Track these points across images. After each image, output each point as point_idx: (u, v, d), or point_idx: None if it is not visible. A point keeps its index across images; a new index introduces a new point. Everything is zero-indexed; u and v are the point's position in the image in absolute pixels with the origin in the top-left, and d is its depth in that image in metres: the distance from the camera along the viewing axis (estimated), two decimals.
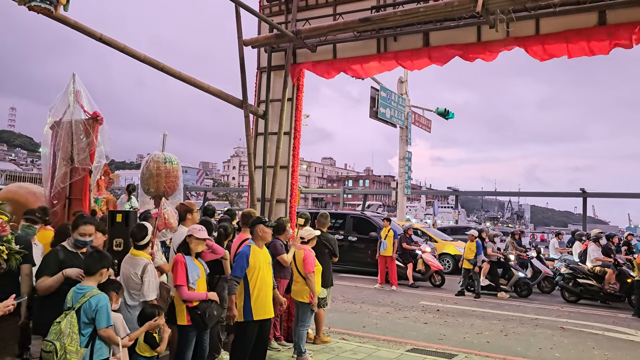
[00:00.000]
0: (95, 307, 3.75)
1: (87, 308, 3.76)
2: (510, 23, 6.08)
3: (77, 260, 4.24)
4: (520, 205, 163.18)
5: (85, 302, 3.78)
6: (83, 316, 3.75)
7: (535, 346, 7.87)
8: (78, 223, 4.34)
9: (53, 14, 4.53)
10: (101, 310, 3.77)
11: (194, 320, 4.72)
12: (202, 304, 4.78)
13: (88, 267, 4.01)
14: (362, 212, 19.71)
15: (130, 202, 10.21)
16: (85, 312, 3.75)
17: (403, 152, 24.71)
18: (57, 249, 4.28)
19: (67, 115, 6.24)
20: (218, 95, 7.03)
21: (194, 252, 4.87)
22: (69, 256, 4.25)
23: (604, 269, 12.05)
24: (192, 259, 4.82)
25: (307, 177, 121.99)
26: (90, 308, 3.75)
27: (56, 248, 4.31)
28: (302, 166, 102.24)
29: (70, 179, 6.12)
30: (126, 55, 5.74)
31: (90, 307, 3.76)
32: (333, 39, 7.36)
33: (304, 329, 6.37)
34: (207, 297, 4.80)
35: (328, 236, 7.43)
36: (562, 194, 33.66)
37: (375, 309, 10.45)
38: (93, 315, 3.75)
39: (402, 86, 24.60)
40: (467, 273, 12.69)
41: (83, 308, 3.76)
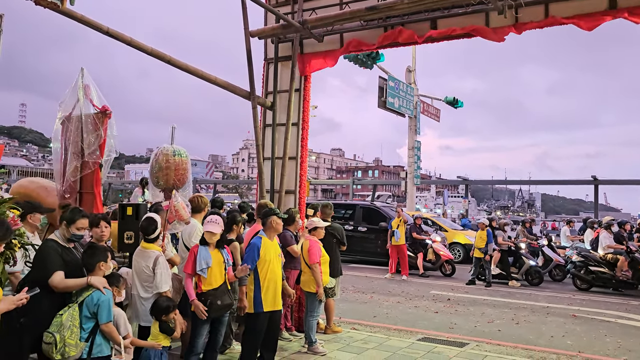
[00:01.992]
0: (97, 302, 3.78)
1: (89, 302, 3.79)
2: (519, 8, 6.01)
3: (71, 255, 4.19)
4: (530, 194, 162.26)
5: (88, 296, 3.80)
6: (85, 310, 3.78)
7: (547, 334, 7.85)
8: (75, 217, 4.22)
9: (60, 8, 4.55)
10: (102, 305, 3.79)
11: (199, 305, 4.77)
12: (210, 291, 4.80)
13: (86, 264, 4.03)
14: (371, 203, 19.68)
15: (144, 196, 10.28)
16: (88, 306, 3.78)
17: (412, 142, 24.61)
18: (53, 243, 4.14)
19: (76, 110, 6.25)
20: (225, 87, 7.02)
21: (211, 243, 4.90)
22: (65, 251, 4.14)
23: (616, 256, 11.96)
24: (206, 248, 4.85)
25: (317, 168, 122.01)
26: (92, 302, 3.78)
27: (51, 242, 4.15)
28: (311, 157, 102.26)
29: (81, 173, 6.15)
30: (133, 48, 5.75)
31: (92, 301, 3.78)
32: (340, 28, 7.32)
33: (314, 319, 6.39)
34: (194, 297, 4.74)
35: (335, 225, 7.43)
36: (573, 182, 33.41)
37: (386, 299, 10.46)
38: (95, 310, 3.78)
39: (410, 75, 24.45)
40: (478, 262, 12.66)
41: (86, 302, 3.79)
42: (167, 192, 7.10)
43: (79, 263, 4.14)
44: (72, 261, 4.11)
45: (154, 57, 6.05)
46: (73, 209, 4.42)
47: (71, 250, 4.22)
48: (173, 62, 6.27)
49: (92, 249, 4.13)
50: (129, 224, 5.75)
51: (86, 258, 4.04)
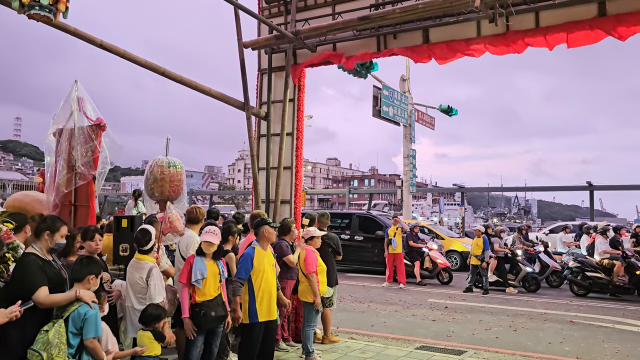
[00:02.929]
0: (84, 316, 3.62)
1: (75, 317, 3.62)
2: (509, 17, 6.06)
3: (52, 269, 3.95)
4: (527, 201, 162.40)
5: (74, 310, 3.64)
6: (71, 325, 3.61)
7: (544, 341, 7.83)
8: (57, 225, 4.03)
9: (53, 22, 4.55)
10: (90, 320, 3.64)
11: (192, 316, 4.76)
12: (205, 302, 4.80)
13: (75, 274, 3.86)
14: (368, 212, 19.68)
15: (137, 208, 10.26)
16: (74, 321, 3.61)
17: (407, 150, 24.66)
18: (33, 256, 3.87)
19: (70, 122, 6.26)
20: (220, 98, 7.04)
21: (207, 254, 4.91)
22: (46, 265, 3.90)
23: (612, 262, 11.98)
24: (202, 259, 4.85)
25: (313, 178, 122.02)
26: (79, 317, 3.62)
27: (31, 255, 3.88)
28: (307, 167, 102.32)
29: (75, 184, 6.14)
30: (127, 60, 5.76)
31: (79, 315, 3.62)
32: (333, 38, 7.37)
33: (311, 329, 6.37)
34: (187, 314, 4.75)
35: (330, 235, 7.43)
36: (569, 188, 33.40)
37: (383, 308, 10.43)
38: (81, 325, 3.61)
39: (405, 84, 24.56)
40: (475, 269, 12.66)
41: (72, 317, 3.62)
42: (162, 204, 7.09)
43: (61, 277, 3.96)
44: (54, 275, 3.90)
45: (148, 69, 6.07)
46: (52, 217, 4.24)
47: (52, 263, 4.01)
48: (167, 74, 6.29)
49: (89, 260, 4.03)
50: (124, 236, 5.74)
51: (79, 267, 3.90)
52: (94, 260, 4.11)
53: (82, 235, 4.72)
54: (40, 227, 4.04)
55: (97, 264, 4.06)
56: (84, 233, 4.74)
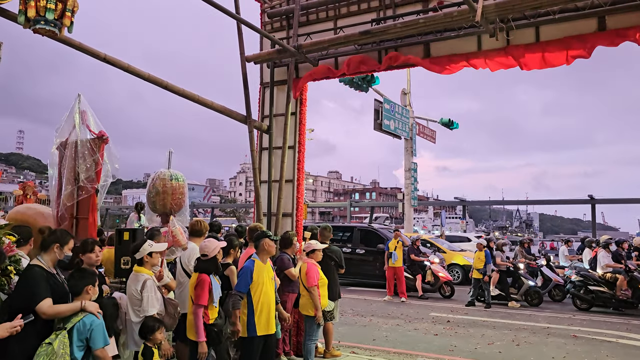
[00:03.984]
0: (90, 327, 3.60)
1: (80, 328, 3.59)
2: (510, 31, 6.11)
3: (56, 281, 3.96)
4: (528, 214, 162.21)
5: (79, 321, 3.61)
6: (76, 337, 3.58)
7: (547, 355, 7.77)
8: (67, 238, 4.08)
9: (57, 36, 4.60)
10: (97, 330, 3.62)
11: (210, 336, 4.73)
12: (218, 321, 4.81)
13: (73, 288, 3.85)
14: (369, 225, 19.66)
15: (140, 221, 10.25)
16: (79, 332, 3.59)
17: (409, 164, 24.71)
18: (38, 268, 3.87)
19: (73, 136, 6.29)
20: (222, 112, 7.08)
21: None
22: (50, 277, 3.91)
23: (615, 275, 11.93)
24: (214, 277, 4.84)
25: (314, 191, 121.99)
26: (85, 327, 3.59)
27: (36, 267, 3.88)
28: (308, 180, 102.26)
29: (77, 197, 6.15)
30: (130, 74, 5.81)
31: (85, 326, 3.60)
32: (334, 52, 7.42)
33: (312, 343, 6.33)
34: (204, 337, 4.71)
35: (333, 248, 7.42)
36: (571, 201, 33.29)
37: (385, 322, 10.37)
38: (87, 335, 3.59)
39: (406, 98, 24.68)
40: (477, 283, 12.60)
41: (76, 328, 3.59)
42: (164, 217, 7.09)
43: (64, 290, 3.95)
44: (57, 288, 3.90)
45: (151, 82, 6.12)
46: (62, 231, 4.27)
47: (56, 276, 4.02)
48: (170, 88, 6.34)
49: (81, 272, 4.01)
50: (126, 249, 5.73)
51: (74, 281, 3.88)
52: (87, 271, 4.07)
53: (82, 248, 4.69)
54: (49, 239, 4.07)
55: (91, 274, 4.03)
56: (83, 246, 4.72)
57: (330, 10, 7.47)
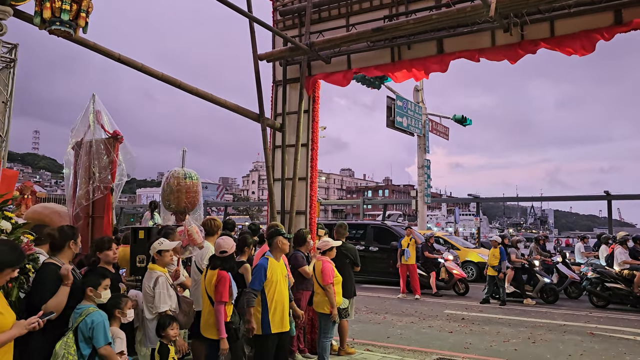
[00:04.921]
0: (91, 325, 3.64)
1: (83, 327, 3.65)
2: (524, 26, 6.05)
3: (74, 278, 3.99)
4: (543, 211, 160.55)
5: (82, 320, 3.67)
6: (80, 336, 3.64)
7: (564, 353, 7.70)
8: (76, 232, 4.22)
9: (72, 37, 4.64)
10: (97, 328, 3.65)
11: (229, 333, 4.75)
12: (234, 318, 4.84)
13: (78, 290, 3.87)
14: (382, 222, 19.60)
15: (153, 219, 10.34)
16: (82, 331, 3.65)
17: (422, 161, 24.58)
18: (53, 266, 3.96)
19: (88, 135, 6.36)
20: (235, 110, 7.10)
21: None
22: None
23: (632, 272, 11.76)
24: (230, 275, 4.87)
25: (327, 188, 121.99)
26: (87, 326, 3.65)
27: (51, 265, 3.97)
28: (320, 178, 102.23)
29: (93, 197, 6.22)
30: (144, 73, 5.85)
31: (87, 325, 3.65)
32: (347, 49, 7.40)
33: (327, 341, 6.33)
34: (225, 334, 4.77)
35: (348, 246, 7.41)
36: (586, 197, 32.81)
37: (399, 319, 10.35)
38: (90, 334, 3.64)
39: (418, 94, 24.55)
40: (492, 280, 12.51)
41: (80, 327, 3.66)
42: (178, 215, 7.15)
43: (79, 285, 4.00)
44: (74, 284, 3.95)
45: (165, 81, 6.15)
46: (69, 227, 4.34)
47: (72, 273, 4.05)
48: (184, 87, 6.37)
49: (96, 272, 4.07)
50: (141, 247, 5.79)
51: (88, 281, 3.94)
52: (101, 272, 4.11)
53: (98, 246, 4.74)
54: (62, 238, 4.17)
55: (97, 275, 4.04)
56: (100, 244, 4.76)
57: (342, 7, 7.46)
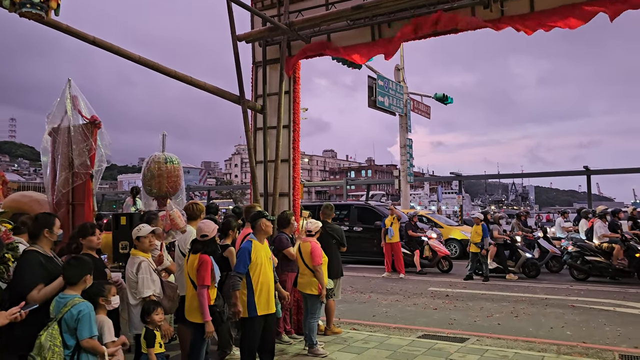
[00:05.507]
0: (77, 316, 3.55)
1: (68, 318, 3.56)
2: (504, 2, 6.02)
3: (54, 265, 4.00)
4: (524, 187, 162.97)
5: (67, 311, 3.57)
6: (65, 327, 3.54)
7: (546, 326, 7.86)
8: (51, 220, 4.11)
9: (44, 20, 4.50)
10: (83, 320, 3.56)
11: (214, 317, 4.74)
12: (218, 302, 4.82)
13: (70, 277, 3.76)
14: (366, 202, 19.69)
15: (135, 205, 10.24)
16: (67, 322, 3.55)
17: (404, 140, 24.65)
18: (34, 253, 3.91)
19: (65, 122, 6.22)
20: (215, 93, 6.99)
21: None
22: (48, 262, 3.95)
23: (611, 245, 12.02)
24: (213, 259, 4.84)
25: (310, 170, 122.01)
26: (72, 318, 3.55)
27: (32, 252, 3.92)
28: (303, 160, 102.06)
29: (72, 184, 6.11)
30: (120, 57, 5.71)
31: (72, 316, 3.56)
32: (327, 28, 7.31)
33: (315, 321, 6.37)
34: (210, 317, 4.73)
35: (334, 227, 7.44)
36: (566, 173, 33.28)
37: (384, 298, 10.46)
38: (75, 325, 3.54)
39: (399, 73, 24.52)
40: (475, 257, 12.68)
41: (65, 318, 3.56)
42: (160, 200, 7.08)
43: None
44: (56, 271, 3.90)
45: (142, 64, 6.01)
46: (43, 215, 4.23)
47: (54, 259, 4.04)
48: (161, 70, 6.23)
49: (78, 261, 3.90)
50: (123, 233, 5.73)
51: (71, 270, 3.78)
52: (84, 260, 3.97)
53: (81, 232, 4.66)
54: (36, 227, 4.07)
55: (88, 262, 3.95)
56: (83, 230, 4.69)
57: None
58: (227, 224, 5.90)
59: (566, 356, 6.07)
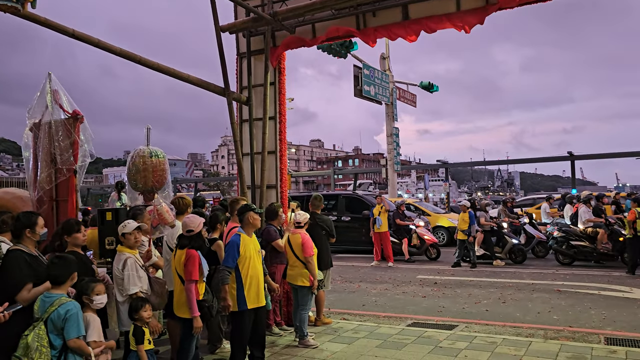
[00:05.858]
0: (64, 316, 3.48)
1: (55, 318, 3.49)
2: None
3: (39, 263, 3.93)
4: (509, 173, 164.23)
5: (54, 311, 3.50)
6: (52, 327, 3.48)
7: (533, 310, 7.96)
8: (33, 219, 4.04)
9: (21, 12, 4.40)
10: (71, 319, 3.49)
11: (202, 312, 4.71)
12: (207, 296, 4.79)
13: (57, 276, 3.68)
14: (353, 192, 19.72)
15: (121, 200, 10.13)
16: (54, 322, 3.48)
17: (390, 129, 24.67)
18: (18, 252, 3.85)
19: (46, 116, 6.11)
20: (199, 85, 6.91)
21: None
22: (33, 260, 3.90)
23: (595, 230, 12.18)
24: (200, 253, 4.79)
25: (297, 160, 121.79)
26: (60, 318, 3.48)
27: (16, 251, 3.86)
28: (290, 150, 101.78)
29: (55, 180, 6.01)
30: (101, 49, 5.61)
31: (60, 316, 3.48)
32: (311, 18, 7.24)
33: (306, 313, 6.37)
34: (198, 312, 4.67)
35: (323, 217, 7.43)
36: (550, 159, 33.56)
37: (373, 287, 10.50)
38: (62, 325, 3.48)
39: (385, 62, 24.47)
40: (462, 244, 12.78)
41: (51, 318, 3.49)
42: (146, 195, 7.00)
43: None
44: (41, 269, 3.85)
45: (124, 57, 5.91)
46: (25, 213, 4.15)
47: (38, 258, 3.98)
48: (144, 62, 6.14)
49: (63, 260, 3.79)
50: (109, 229, 5.67)
51: (57, 270, 3.69)
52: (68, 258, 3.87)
53: (66, 230, 4.58)
54: (17, 226, 3.99)
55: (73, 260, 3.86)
56: (68, 227, 4.60)
57: None
58: (215, 218, 5.86)
59: (553, 341, 6.15)
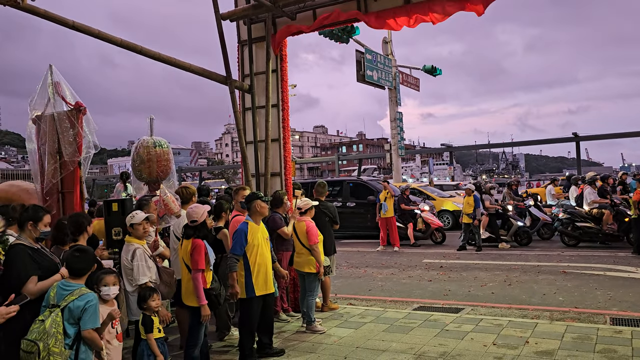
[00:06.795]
0: (84, 307, 3.52)
1: (73, 307, 3.51)
2: None
3: (42, 257, 3.95)
4: (514, 155, 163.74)
5: (73, 300, 3.53)
6: (68, 315, 3.50)
7: (539, 292, 7.99)
8: (40, 214, 4.04)
9: (21, 5, 4.39)
10: (89, 310, 3.53)
11: (209, 300, 4.76)
12: (214, 284, 4.83)
13: (80, 270, 3.70)
14: (358, 177, 19.71)
15: (126, 190, 10.18)
16: (72, 311, 3.51)
17: (394, 114, 24.58)
18: (21, 246, 3.88)
19: (48, 108, 6.11)
20: (201, 74, 6.90)
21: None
22: (35, 254, 3.92)
23: (601, 211, 12.15)
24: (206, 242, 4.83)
25: (301, 147, 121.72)
26: (78, 308, 3.51)
27: (19, 245, 3.88)
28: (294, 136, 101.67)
29: (61, 173, 6.04)
30: (101, 40, 5.60)
31: (78, 307, 3.51)
32: (312, 4, 7.19)
33: (313, 299, 6.42)
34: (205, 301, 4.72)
35: (327, 204, 7.45)
36: (555, 140, 33.37)
37: (379, 272, 10.55)
38: (80, 315, 3.51)
39: (387, 47, 24.31)
40: (467, 227, 12.79)
41: (70, 307, 3.52)
42: (151, 185, 7.03)
43: (54, 263, 3.96)
44: (47, 263, 3.91)
45: (125, 48, 5.90)
46: (34, 207, 4.17)
47: (41, 251, 4.00)
48: (145, 52, 6.13)
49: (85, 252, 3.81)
50: (116, 220, 5.70)
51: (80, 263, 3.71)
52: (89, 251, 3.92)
53: (78, 230, 4.57)
54: (22, 217, 4.02)
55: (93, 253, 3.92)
56: (78, 226, 4.59)
57: None
58: (219, 207, 5.89)
59: (559, 322, 6.18)
